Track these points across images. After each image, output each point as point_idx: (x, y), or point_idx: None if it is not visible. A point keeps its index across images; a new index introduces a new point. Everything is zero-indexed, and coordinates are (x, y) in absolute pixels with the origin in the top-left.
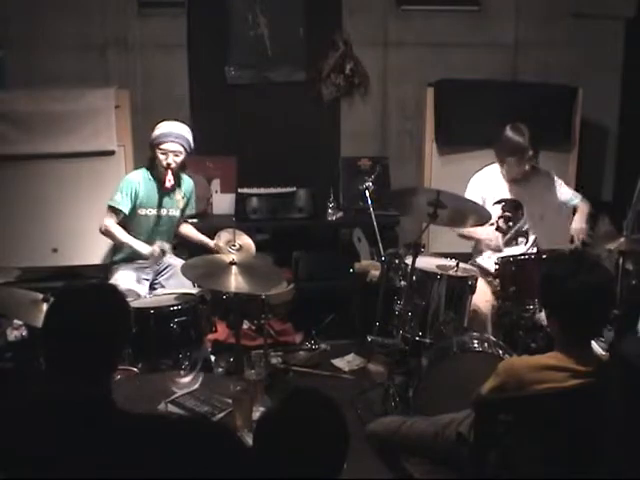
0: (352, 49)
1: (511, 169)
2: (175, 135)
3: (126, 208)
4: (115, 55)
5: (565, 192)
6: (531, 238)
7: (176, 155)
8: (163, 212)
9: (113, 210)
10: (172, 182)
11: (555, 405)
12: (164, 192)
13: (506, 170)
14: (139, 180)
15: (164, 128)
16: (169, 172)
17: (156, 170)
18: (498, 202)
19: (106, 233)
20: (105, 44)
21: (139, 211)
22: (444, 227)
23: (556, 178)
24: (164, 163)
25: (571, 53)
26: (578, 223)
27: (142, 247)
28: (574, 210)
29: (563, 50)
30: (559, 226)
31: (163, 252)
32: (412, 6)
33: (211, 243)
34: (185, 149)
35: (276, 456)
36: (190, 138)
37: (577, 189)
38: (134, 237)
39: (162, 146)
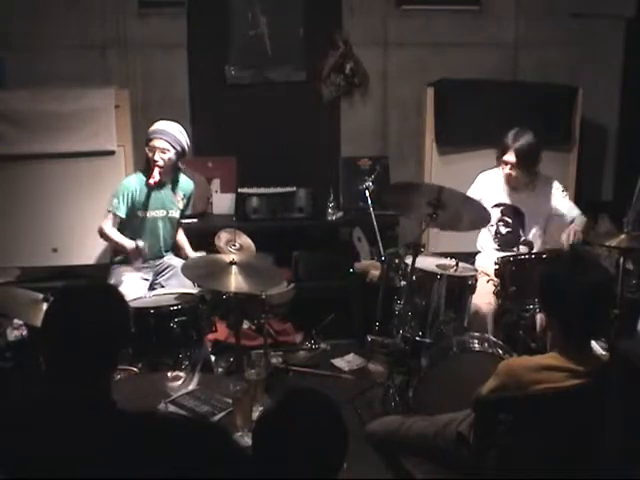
0: (352, 49)
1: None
2: (162, 132)
3: (123, 213)
4: (115, 55)
5: (564, 204)
6: (535, 247)
7: (163, 152)
8: (163, 213)
9: (111, 214)
10: (156, 179)
11: (555, 405)
12: (163, 193)
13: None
14: (135, 185)
15: (154, 126)
16: (155, 169)
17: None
18: (497, 205)
19: (101, 235)
20: (105, 44)
21: (139, 213)
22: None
23: (557, 186)
24: (151, 160)
25: (571, 53)
26: (567, 231)
27: (126, 242)
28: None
29: (563, 49)
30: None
31: (137, 247)
32: (412, 6)
33: (191, 255)
34: (174, 147)
35: (275, 456)
36: (182, 138)
37: (577, 189)
38: (135, 239)
39: (150, 143)
